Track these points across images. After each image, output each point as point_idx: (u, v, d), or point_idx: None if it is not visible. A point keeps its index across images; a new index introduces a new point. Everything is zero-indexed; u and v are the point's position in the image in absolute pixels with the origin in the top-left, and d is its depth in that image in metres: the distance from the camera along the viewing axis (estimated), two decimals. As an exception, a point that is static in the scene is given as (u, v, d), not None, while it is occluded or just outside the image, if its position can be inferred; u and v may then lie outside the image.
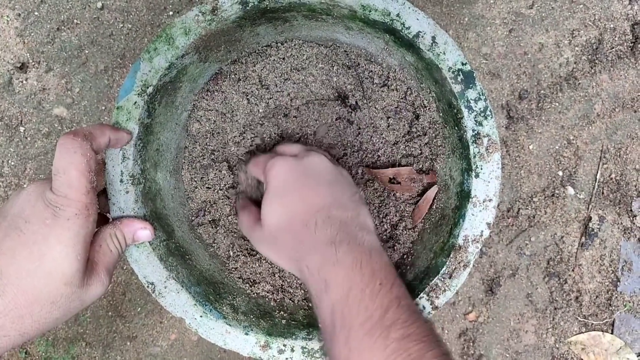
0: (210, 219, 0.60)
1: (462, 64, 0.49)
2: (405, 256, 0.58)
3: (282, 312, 0.56)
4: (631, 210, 0.73)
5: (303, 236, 0.46)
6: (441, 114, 0.55)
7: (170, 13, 0.73)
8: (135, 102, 0.49)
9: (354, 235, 0.46)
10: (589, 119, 0.73)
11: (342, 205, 0.48)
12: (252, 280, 0.58)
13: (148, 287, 0.51)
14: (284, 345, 0.51)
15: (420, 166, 0.59)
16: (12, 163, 0.75)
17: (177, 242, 0.55)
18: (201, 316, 0.51)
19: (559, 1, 0.72)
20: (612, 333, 0.73)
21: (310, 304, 0.58)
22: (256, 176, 0.56)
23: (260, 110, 0.60)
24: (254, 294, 0.57)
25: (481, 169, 0.49)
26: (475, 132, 0.49)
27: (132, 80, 0.49)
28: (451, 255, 0.50)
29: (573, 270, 0.74)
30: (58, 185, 0.41)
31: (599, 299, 0.74)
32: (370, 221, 0.49)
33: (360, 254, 0.44)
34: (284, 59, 0.59)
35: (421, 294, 0.50)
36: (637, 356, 0.73)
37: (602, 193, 0.74)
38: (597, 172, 0.73)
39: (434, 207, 0.58)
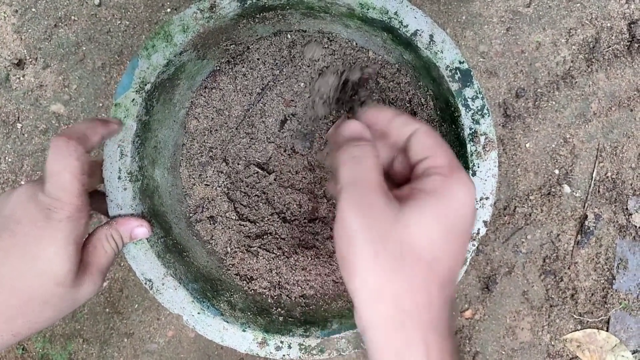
0: (208, 216, 0.60)
1: (460, 62, 0.49)
2: None
3: (279, 309, 0.56)
4: (627, 208, 0.73)
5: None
6: (438, 113, 0.55)
7: (168, 10, 0.73)
8: (133, 99, 0.49)
9: None
10: (585, 117, 0.73)
11: None
12: (249, 277, 0.58)
13: (146, 283, 0.51)
14: (281, 342, 0.51)
15: None
16: (9, 160, 0.75)
17: (174, 239, 0.55)
18: (199, 313, 0.51)
19: (556, 0, 0.72)
20: (607, 330, 0.74)
21: (307, 301, 0.58)
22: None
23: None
24: (251, 290, 0.57)
25: (478, 167, 0.50)
26: (472, 130, 0.49)
27: (129, 77, 0.49)
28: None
29: (569, 268, 0.74)
30: (51, 188, 0.41)
31: (594, 297, 0.74)
32: None
33: None
34: None
35: (418, 291, 0.50)
36: (633, 354, 0.73)
37: (598, 191, 0.74)
38: (593, 170, 0.74)
39: None
